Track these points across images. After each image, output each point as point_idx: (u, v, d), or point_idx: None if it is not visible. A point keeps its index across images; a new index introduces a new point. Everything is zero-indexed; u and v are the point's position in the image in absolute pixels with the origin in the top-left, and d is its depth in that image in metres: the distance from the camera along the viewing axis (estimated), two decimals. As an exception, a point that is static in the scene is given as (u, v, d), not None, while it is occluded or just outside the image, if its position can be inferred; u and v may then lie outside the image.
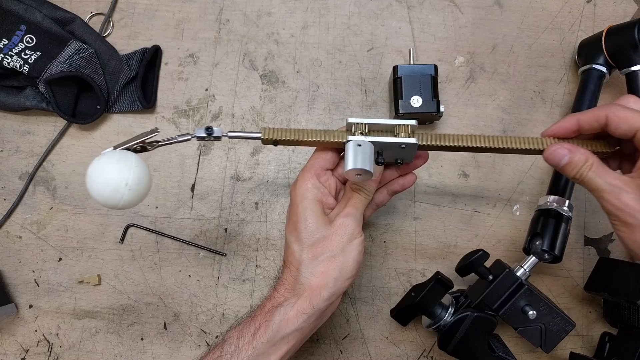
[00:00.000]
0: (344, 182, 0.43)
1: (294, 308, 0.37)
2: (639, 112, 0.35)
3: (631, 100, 0.36)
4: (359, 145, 0.36)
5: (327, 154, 0.40)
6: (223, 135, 0.38)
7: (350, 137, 0.37)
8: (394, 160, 0.40)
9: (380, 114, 0.57)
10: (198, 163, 0.55)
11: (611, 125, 0.35)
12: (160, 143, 0.38)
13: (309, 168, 0.40)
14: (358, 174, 0.36)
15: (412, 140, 0.37)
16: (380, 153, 0.38)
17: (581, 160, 0.36)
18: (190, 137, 0.38)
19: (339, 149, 0.41)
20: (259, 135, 0.38)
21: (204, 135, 0.37)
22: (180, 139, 0.38)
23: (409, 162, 0.41)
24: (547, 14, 0.59)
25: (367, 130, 0.38)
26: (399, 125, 0.38)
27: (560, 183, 0.50)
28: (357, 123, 0.38)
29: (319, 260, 0.38)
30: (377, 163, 0.38)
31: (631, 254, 0.36)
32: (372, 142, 0.37)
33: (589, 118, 0.37)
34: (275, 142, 0.39)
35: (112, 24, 0.58)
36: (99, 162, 0.34)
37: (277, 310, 0.37)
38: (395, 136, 0.38)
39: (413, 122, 0.38)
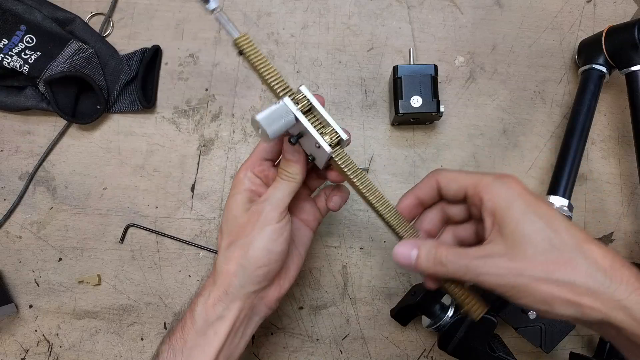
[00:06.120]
0: None
1: (211, 296, 0.38)
2: (464, 171, 0.35)
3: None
4: (284, 110, 0.35)
5: (269, 144, 0.40)
6: (214, 10, 0.39)
7: (285, 100, 0.35)
8: (309, 153, 0.39)
9: (380, 113, 0.57)
10: (198, 163, 0.55)
11: (443, 188, 0.36)
12: None
13: (245, 161, 0.41)
14: (258, 127, 0.34)
15: (327, 147, 0.36)
16: (299, 136, 0.36)
17: (432, 246, 0.33)
18: None
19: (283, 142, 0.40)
20: (236, 34, 0.37)
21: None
22: None
23: (319, 167, 0.39)
24: (547, 14, 0.59)
25: (306, 109, 0.36)
26: (331, 128, 0.36)
27: (560, 183, 0.50)
28: (304, 96, 0.36)
29: (232, 248, 0.38)
30: (290, 142, 0.37)
31: (542, 313, 0.30)
32: (297, 118, 0.35)
33: (423, 188, 0.37)
34: (241, 52, 0.37)
35: (112, 24, 0.58)
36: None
37: (198, 300, 0.38)
38: (321, 134, 0.36)
39: (345, 135, 0.36)
